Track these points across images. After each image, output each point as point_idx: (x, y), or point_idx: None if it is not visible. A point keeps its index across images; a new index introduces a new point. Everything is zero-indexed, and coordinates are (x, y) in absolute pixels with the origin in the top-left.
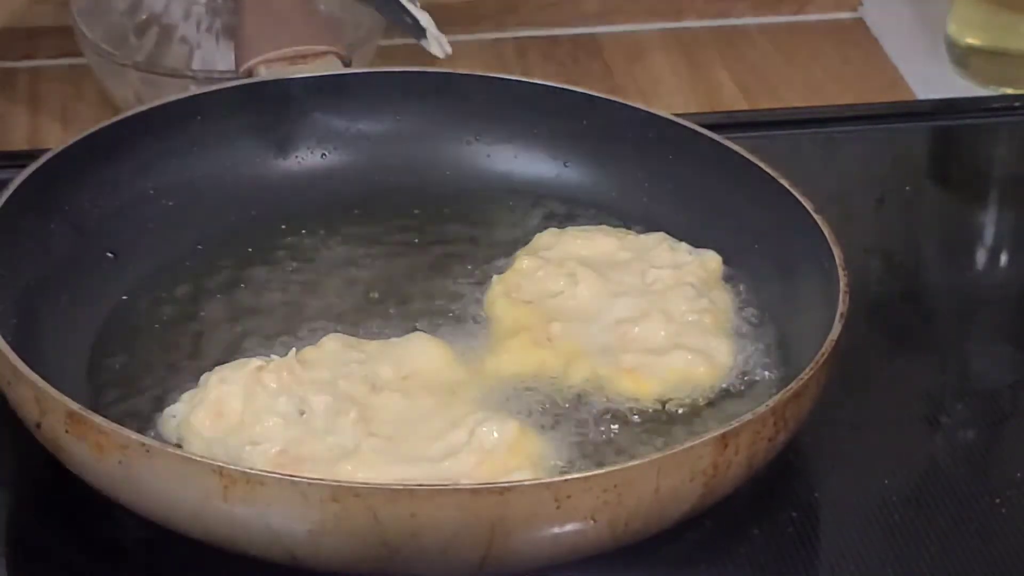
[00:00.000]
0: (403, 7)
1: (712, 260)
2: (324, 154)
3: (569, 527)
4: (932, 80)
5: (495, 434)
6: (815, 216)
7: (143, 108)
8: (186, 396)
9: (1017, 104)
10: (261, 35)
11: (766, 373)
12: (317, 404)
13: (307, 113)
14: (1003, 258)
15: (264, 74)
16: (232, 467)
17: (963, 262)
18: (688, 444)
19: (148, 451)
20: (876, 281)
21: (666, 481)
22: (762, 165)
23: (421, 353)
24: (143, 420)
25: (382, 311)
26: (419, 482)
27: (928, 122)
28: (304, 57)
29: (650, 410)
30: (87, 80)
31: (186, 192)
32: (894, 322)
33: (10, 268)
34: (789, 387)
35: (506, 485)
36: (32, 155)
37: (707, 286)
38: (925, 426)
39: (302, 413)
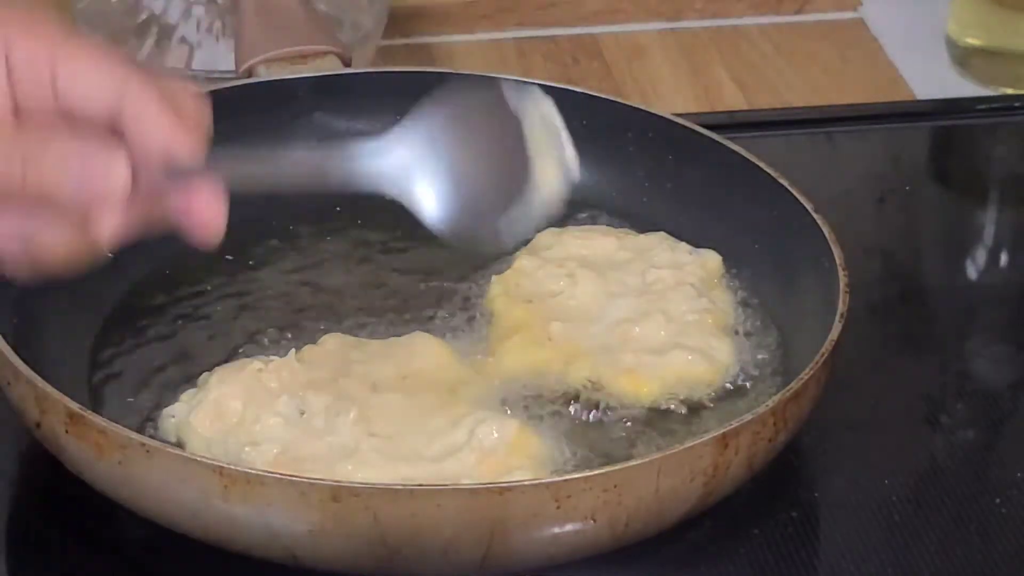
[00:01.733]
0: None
1: (712, 260)
2: None
3: (569, 527)
4: (932, 80)
5: (495, 434)
6: (815, 216)
7: None
8: (186, 396)
9: (1017, 104)
10: (261, 35)
11: (766, 373)
12: (317, 404)
13: (307, 113)
14: (1003, 258)
15: (264, 74)
16: (232, 467)
17: (963, 262)
18: (688, 444)
19: (148, 451)
20: (876, 281)
21: (666, 481)
22: (762, 165)
23: (421, 353)
24: (143, 420)
25: (382, 311)
26: (419, 482)
27: (928, 122)
28: (304, 57)
29: (650, 410)
30: None
31: None
32: (894, 322)
33: None
34: (789, 387)
35: (506, 485)
36: None
37: (707, 286)
38: (925, 426)
39: (302, 413)
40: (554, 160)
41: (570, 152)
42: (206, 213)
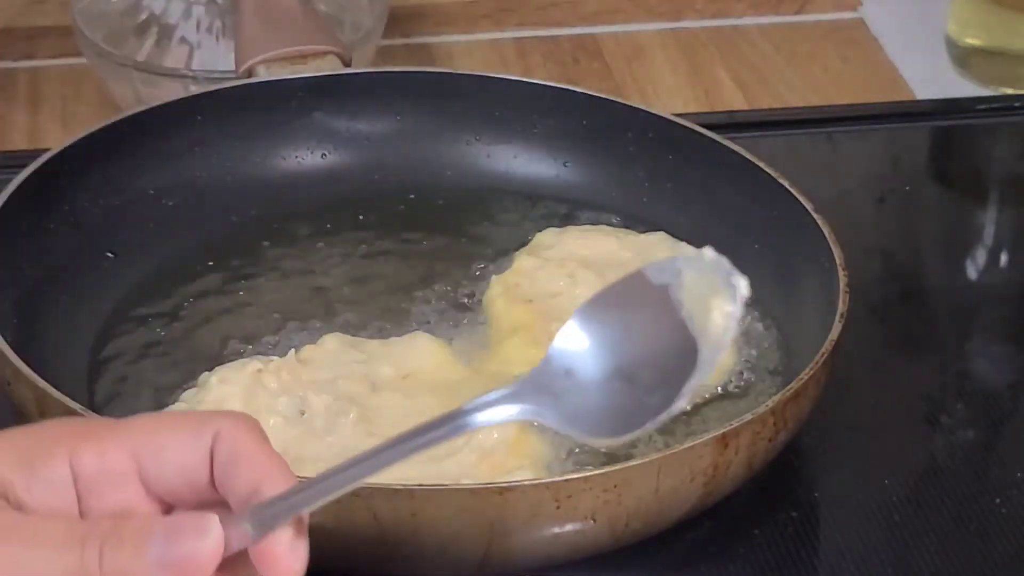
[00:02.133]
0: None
1: None
2: (324, 154)
3: (569, 527)
4: (932, 80)
5: (495, 433)
6: (815, 216)
7: (143, 108)
8: (186, 396)
9: (1017, 104)
10: (261, 35)
11: (766, 373)
12: (317, 404)
13: (307, 113)
14: (1003, 258)
15: (264, 74)
16: None
17: (963, 262)
18: (688, 444)
19: None
20: (876, 281)
21: (666, 481)
22: (762, 165)
23: (421, 352)
24: None
25: (382, 311)
26: (419, 482)
27: (928, 122)
28: (304, 57)
29: None
30: (87, 80)
31: (186, 192)
32: (894, 322)
33: (10, 268)
34: (789, 387)
35: (506, 485)
36: (32, 155)
37: None
38: (925, 426)
39: (302, 413)
40: (720, 303)
41: (741, 282)
42: (286, 559)
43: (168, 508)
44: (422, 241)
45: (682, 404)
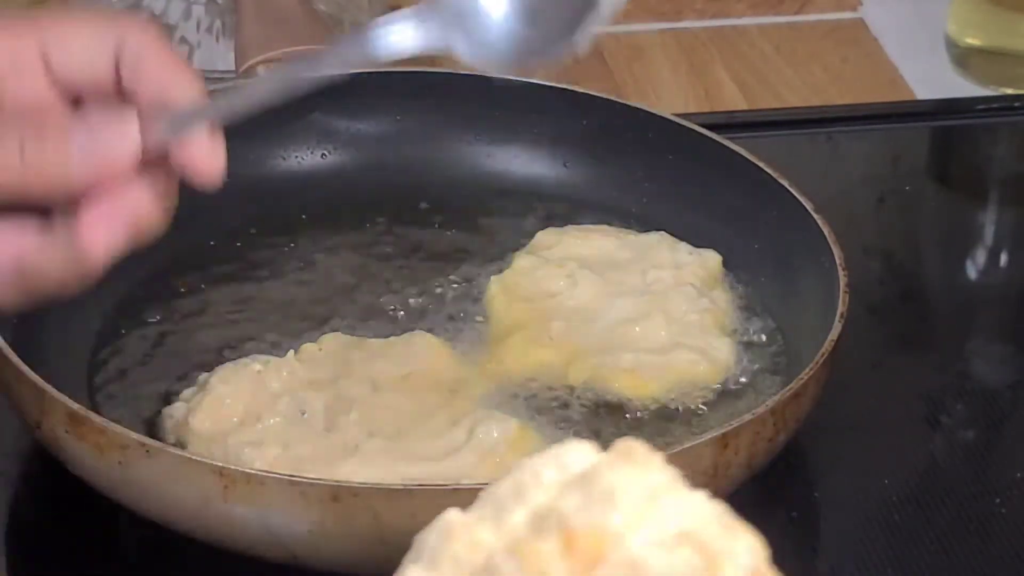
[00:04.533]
0: None
1: (712, 260)
2: (324, 154)
3: None
4: (932, 80)
5: (495, 433)
6: (815, 216)
7: None
8: (186, 396)
9: (1017, 104)
10: (261, 35)
11: (766, 373)
12: (317, 404)
13: (307, 113)
14: (1003, 258)
15: (264, 74)
16: (232, 467)
17: (963, 262)
18: (688, 444)
19: (148, 451)
20: (876, 281)
21: None
22: (762, 165)
23: (421, 352)
24: (143, 420)
25: (382, 310)
26: (419, 481)
27: (928, 122)
28: None
29: (650, 410)
30: None
31: (186, 192)
32: (894, 322)
33: None
34: (789, 387)
35: None
36: None
37: (707, 286)
38: (925, 426)
39: (303, 413)
40: None
41: None
42: (207, 159)
43: (75, 106)
44: (422, 241)
45: (583, 44)
